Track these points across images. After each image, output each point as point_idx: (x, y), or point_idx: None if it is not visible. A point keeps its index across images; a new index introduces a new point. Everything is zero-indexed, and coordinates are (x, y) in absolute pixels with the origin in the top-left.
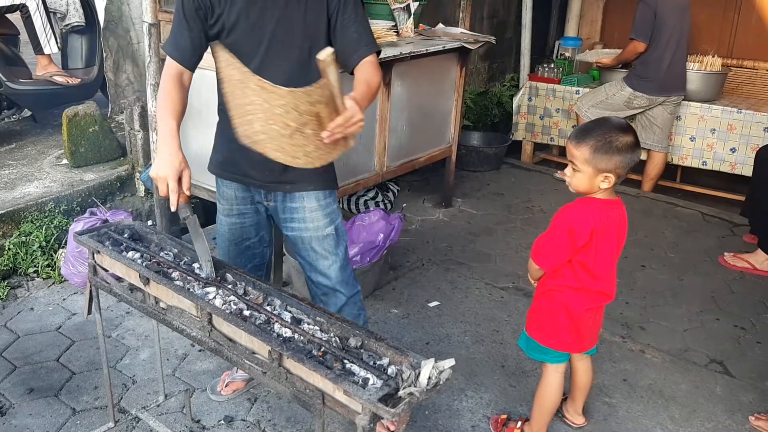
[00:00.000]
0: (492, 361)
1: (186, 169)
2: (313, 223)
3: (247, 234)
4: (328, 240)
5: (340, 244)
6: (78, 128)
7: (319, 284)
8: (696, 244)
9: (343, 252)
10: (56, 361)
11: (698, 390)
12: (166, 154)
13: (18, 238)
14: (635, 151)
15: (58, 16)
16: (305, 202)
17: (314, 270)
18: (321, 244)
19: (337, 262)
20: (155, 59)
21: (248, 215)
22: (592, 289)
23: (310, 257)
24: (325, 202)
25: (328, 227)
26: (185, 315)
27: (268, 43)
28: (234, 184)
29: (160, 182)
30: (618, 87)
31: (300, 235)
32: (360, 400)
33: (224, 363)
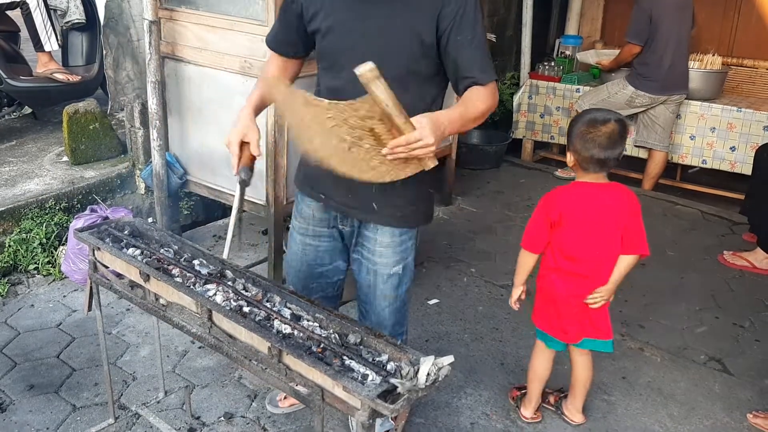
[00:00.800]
0: (491, 358)
1: (251, 133)
2: (381, 258)
3: (321, 259)
4: (392, 279)
5: (402, 285)
6: (78, 125)
7: (369, 318)
8: (695, 242)
9: (403, 293)
10: (56, 358)
11: (697, 388)
12: (238, 120)
13: (18, 235)
14: (596, 142)
15: (59, 13)
16: (378, 234)
17: (369, 304)
18: (384, 282)
19: (394, 303)
20: (156, 56)
21: (324, 239)
22: (569, 271)
23: (368, 291)
24: (400, 239)
25: (396, 266)
26: (185, 312)
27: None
28: (314, 203)
29: (228, 145)
30: (620, 86)
31: (366, 266)
32: (359, 396)
33: (225, 360)
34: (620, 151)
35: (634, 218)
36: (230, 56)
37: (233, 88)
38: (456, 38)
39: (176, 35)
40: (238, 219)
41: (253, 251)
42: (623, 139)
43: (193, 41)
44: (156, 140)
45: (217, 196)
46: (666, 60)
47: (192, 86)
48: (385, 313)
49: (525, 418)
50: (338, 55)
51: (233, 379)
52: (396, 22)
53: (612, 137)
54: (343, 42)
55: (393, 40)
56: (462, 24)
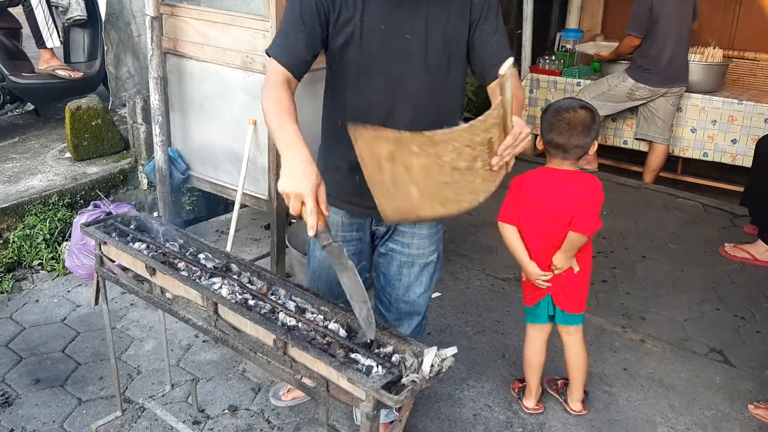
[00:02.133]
0: (493, 351)
1: (322, 184)
2: (418, 249)
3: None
4: (429, 268)
5: (437, 272)
6: (81, 122)
7: (398, 308)
8: (696, 234)
9: (431, 285)
10: (62, 352)
11: (698, 379)
12: (297, 164)
13: (22, 231)
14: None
15: (60, 10)
16: (416, 227)
17: (395, 296)
18: (417, 271)
19: (428, 290)
20: (157, 52)
21: (352, 243)
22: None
23: (398, 284)
24: (436, 229)
25: (432, 255)
26: (191, 305)
27: (406, 55)
28: (341, 210)
29: (294, 199)
30: (620, 78)
31: (398, 259)
32: (364, 388)
33: (229, 353)
34: (585, 141)
35: (589, 206)
36: (232, 51)
37: (235, 84)
38: (483, 28)
39: (178, 31)
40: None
41: (256, 246)
42: (588, 128)
43: (194, 37)
44: (158, 136)
45: (220, 191)
46: (666, 53)
47: (194, 81)
48: (420, 301)
49: (527, 409)
50: (377, 58)
51: (237, 372)
52: (437, 18)
53: (572, 124)
54: (384, 45)
55: (437, 37)
56: (488, 14)
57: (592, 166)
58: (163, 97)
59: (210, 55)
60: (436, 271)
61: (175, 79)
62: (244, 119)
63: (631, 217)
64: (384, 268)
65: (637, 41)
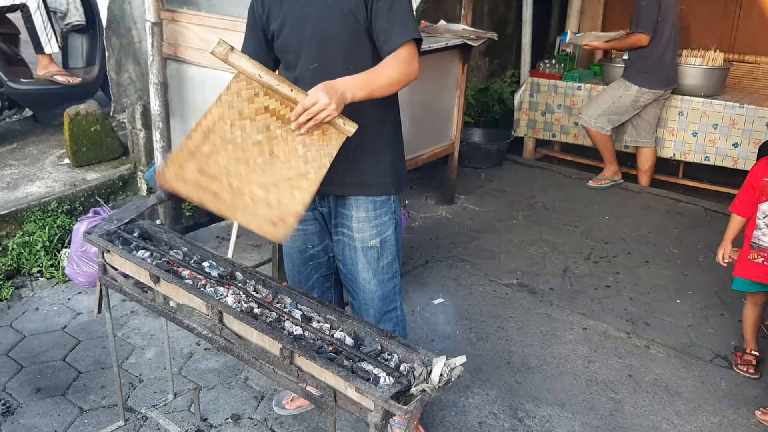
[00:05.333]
0: (497, 357)
1: None
2: (359, 233)
3: (311, 241)
4: (368, 253)
5: (383, 258)
6: (79, 127)
7: (357, 296)
8: (699, 239)
9: (386, 266)
10: (62, 361)
11: (703, 385)
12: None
13: (21, 238)
14: None
15: (59, 16)
16: (354, 210)
17: (354, 281)
18: (361, 256)
19: (378, 275)
20: (158, 58)
21: (309, 222)
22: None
23: (352, 268)
24: (375, 213)
25: (374, 239)
26: (195, 313)
27: (309, 41)
28: None
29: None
30: (623, 87)
31: (346, 243)
32: (372, 398)
33: (231, 361)
34: None
35: None
36: None
37: None
38: (377, 7)
39: (178, 36)
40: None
41: (257, 252)
42: None
43: (195, 42)
44: (159, 141)
45: None
46: (668, 52)
47: (194, 87)
48: (370, 286)
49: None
50: (289, 50)
51: (240, 380)
52: (332, 5)
53: None
54: (292, 35)
55: (333, 21)
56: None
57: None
58: (164, 102)
59: (210, 61)
60: (382, 257)
61: (176, 85)
62: None
63: (633, 221)
64: (337, 254)
65: (646, 40)
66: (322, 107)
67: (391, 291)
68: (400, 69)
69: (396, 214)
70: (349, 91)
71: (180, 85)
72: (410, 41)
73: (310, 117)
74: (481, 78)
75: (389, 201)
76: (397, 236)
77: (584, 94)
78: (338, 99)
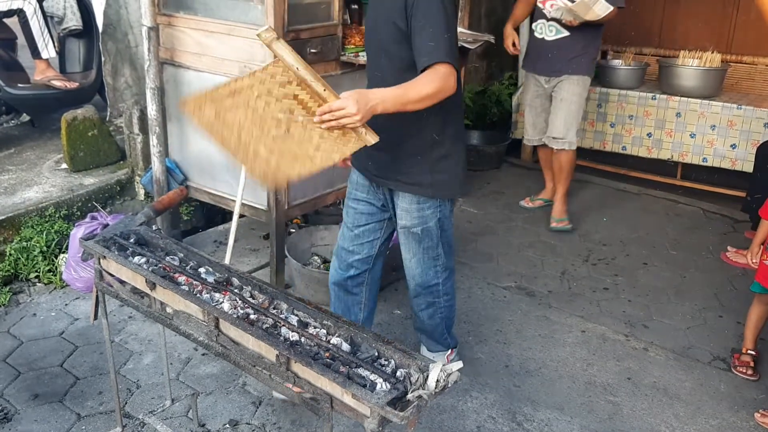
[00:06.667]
0: (496, 361)
1: None
2: (402, 220)
3: (358, 221)
4: (411, 237)
5: (421, 243)
6: (77, 132)
7: (408, 283)
8: (697, 240)
9: (423, 251)
10: (60, 367)
11: (702, 387)
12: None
13: (19, 243)
14: None
15: (55, 20)
16: (400, 200)
17: (402, 257)
18: (405, 238)
19: (412, 258)
20: (155, 62)
21: (362, 203)
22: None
23: (400, 247)
24: (417, 206)
25: (415, 228)
26: (192, 320)
27: (370, 47)
28: (357, 171)
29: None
30: (584, 84)
31: (396, 225)
32: (369, 404)
33: (229, 366)
34: None
35: None
36: (229, 61)
37: None
38: (413, 24)
39: (175, 41)
40: None
41: (255, 256)
42: None
43: (192, 46)
44: (156, 146)
45: (218, 201)
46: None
47: (191, 91)
48: (411, 264)
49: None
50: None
51: (237, 385)
52: (384, 16)
53: None
54: (366, 41)
55: (385, 32)
56: (416, 12)
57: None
58: (161, 107)
59: (207, 65)
60: (423, 240)
61: (173, 89)
62: None
63: (631, 223)
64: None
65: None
66: (346, 114)
67: (432, 269)
68: (434, 85)
69: (441, 211)
70: (381, 104)
71: (177, 90)
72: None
73: (334, 119)
74: (479, 80)
75: (435, 203)
76: (443, 228)
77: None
78: (366, 111)
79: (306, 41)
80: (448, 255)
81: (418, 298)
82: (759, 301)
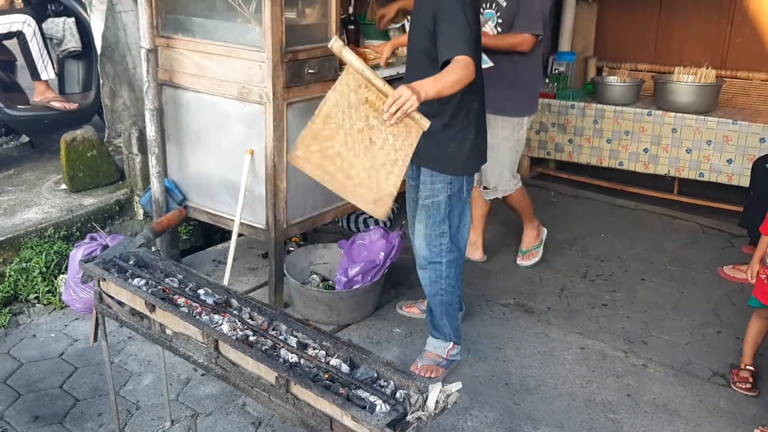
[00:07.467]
0: (496, 379)
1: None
2: (419, 193)
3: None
4: (423, 210)
5: (430, 217)
6: (76, 153)
7: (414, 241)
8: (695, 256)
9: (431, 225)
10: (60, 388)
11: (702, 404)
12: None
13: (18, 264)
14: None
15: (55, 42)
16: (420, 174)
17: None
18: (419, 211)
19: (421, 230)
20: (153, 84)
21: (413, 179)
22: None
23: (416, 220)
24: (431, 179)
25: (426, 200)
26: (191, 341)
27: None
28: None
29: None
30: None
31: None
32: (368, 426)
33: (228, 387)
34: None
35: None
36: (228, 82)
37: (231, 114)
38: (438, 28)
39: (173, 62)
40: None
41: (253, 275)
42: None
43: (190, 68)
44: (155, 167)
45: (217, 221)
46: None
47: (190, 112)
48: (420, 235)
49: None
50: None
51: (237, 406)
52: (420, 23)
53: None
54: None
55: (419, 36)
56: (441, 15)
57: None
58: (159, 128)
59: (206, 86)
60: (430, 216)
61: (171, 110)
62: (241, 149)
63: (629, 239)
64: None
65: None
66: (406, 98)
67: (437, 247)
68: (460, 72)
69: (452, 188)
70: (423, 91)
71: (175, 111)
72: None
73: (398, 107)
74: None
75: (446, 177)
76: (451, 206)
77: (577, 112)
78: (418, 94)
79: (304, 62)
80: (455, 237)
81: (424, 272)
82: (757, 316)
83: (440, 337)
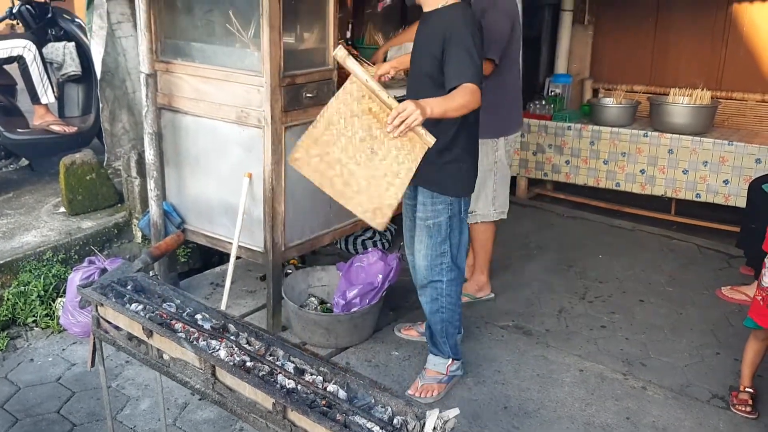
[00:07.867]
0: (494, 402)
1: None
2: (419, 213)
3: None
4: (424, 230)
5: (431, 237)
6: (75, 176)
7: (413, 259)
8: (693, 277)
9: (432, 245)
10: (57, 413)
11: (701, 427)
12: None
13: (17, 288)
14: None
15: (55, 66)
16: (419, 194)
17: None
18: (420, 231)
19: (422, 250)
20: (152, 108)
21: (410, 199)
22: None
23: (416, 240)
24: (431, 201)
25: (428, 221)
26: (189, 367)
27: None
28: None
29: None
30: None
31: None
32: None
33: (225, 412)
34: None
35: None
36: (227, 106)
37: (230, 138)
38: (446, 55)
39: (172, 87)
40: None
41: (251, 298)
42: None
43: (189, 92)
44: (153, 190)
45: (215, 244)
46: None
47: (189, 136)
48: (420, 255)
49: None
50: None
51: (235, 431)
52: (425, 48)
53: None
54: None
55: (425, 61)
56: (452, 42)
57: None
58: (158, 152)
59: (205, 110)
60: (432, 236)
61: (170, 134)
62: (239, 173)
63: (626, 260)
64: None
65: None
66: (410, 113)
67: (438, 266)
68: (467, 98)
69: (452, 209)
70: (429, 107)
71: (174, 135)
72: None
73: (402, 121)
74: None
75: (446, 199)
76: (452, 226)
77: (574, 133)
78: (422, 110)
79: (302, 86)
80: (456, 257)
81: (425, 290)
82: (755, 338)
83: (440, 354)
